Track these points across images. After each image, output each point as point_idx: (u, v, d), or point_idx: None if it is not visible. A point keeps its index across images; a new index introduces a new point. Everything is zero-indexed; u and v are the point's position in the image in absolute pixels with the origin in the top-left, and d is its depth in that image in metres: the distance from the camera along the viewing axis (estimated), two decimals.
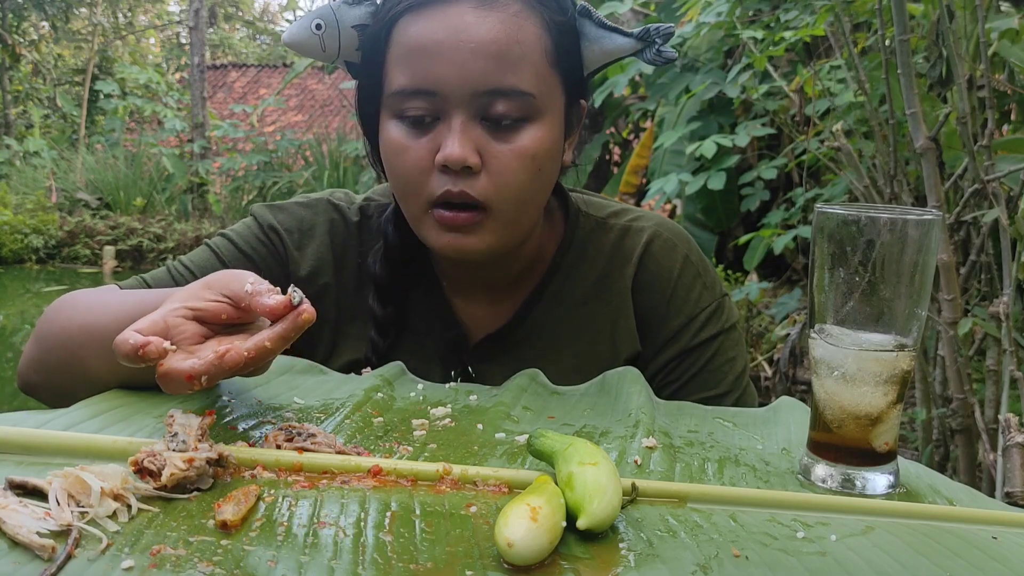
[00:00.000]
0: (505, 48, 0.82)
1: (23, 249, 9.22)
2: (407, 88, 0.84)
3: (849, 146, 2.19)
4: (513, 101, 0.84)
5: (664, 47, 0.88)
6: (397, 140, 0.86)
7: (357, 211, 1.01)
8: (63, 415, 0.69)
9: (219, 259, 0.97)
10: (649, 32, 0.88)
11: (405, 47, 0.84)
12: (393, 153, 0.87)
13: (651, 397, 0.83)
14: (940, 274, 1.82)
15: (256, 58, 19.22)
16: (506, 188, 0.85)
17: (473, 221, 0.86)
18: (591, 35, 0.89)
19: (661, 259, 0.99)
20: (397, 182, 0.89)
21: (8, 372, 5.65)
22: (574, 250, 1.00)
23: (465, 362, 0.98)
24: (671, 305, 0.98)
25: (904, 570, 0.54)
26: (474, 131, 0.84)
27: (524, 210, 0.89)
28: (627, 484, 0.61)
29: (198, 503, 0.57)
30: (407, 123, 0.86)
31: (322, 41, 0.89)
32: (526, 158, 0.85)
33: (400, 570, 0.50)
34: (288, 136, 10.57)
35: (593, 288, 0.99)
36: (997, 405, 1.77)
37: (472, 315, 0.99)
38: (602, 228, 1.01)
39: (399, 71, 0.85)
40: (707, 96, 4.25)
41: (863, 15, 2.83)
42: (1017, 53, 2.11)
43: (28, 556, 0.49)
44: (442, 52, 0.82)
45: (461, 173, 0.84)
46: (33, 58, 14.15)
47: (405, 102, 0.85)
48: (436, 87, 0.83)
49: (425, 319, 0.99)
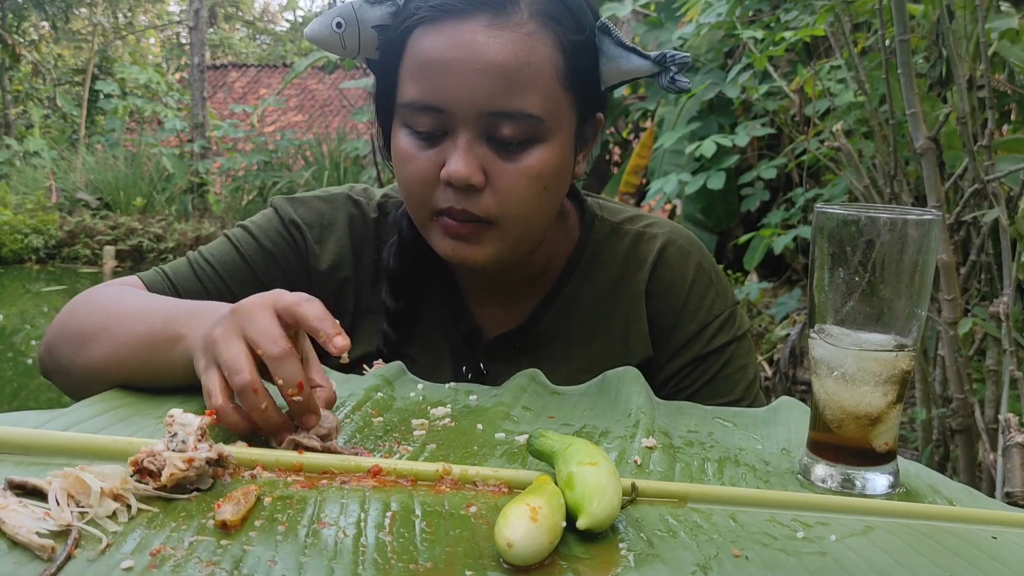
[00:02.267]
0: (514, 70, 0.82)
1: (23, 249, 9.22)
2: (416, 102, 0.85)
3: (849, 146, 2.19)
4: (520, 124, 0.83)
5: (679, 76, 0.88)
6: (406, 149, 0.87)
7: (376, 207, 1.02)
8: (63, 415, 0.69)
9: (240, 254, 0.97)
10: (665, 58, 0.87)
11: (417, 60, 0.85)
12: (401, 161, 0.88)
13: (651, 397, 0.83)
14: (940, 274, 1.82)
15: (256, 58, 19.22)
16: (511, 206, 0.85)
17: (477, 232, 0.86)
18: (609, 53, 0.88)
19: (675, 266, 0.99)
20: (404, 188, 0.90)
21: (8, 372, 5.65)
22: (589, 254, 1.00)
23: (478, 359, 0.98)
24: (684, 312, 0.98)
25: (904, 570, 0.54)
26: (480, 149, 0.84)
27: (530, 226, 0.89)
28: (627, 484, 0.61)
29: (198, 503, 0.57)
30: (415, 134, 0.86)
31: (342, 39, 0.89)
32: (531, 178, 0.85)
33: (400, 570, 0.50)
34: (288, 136, 10.57)
35: (607, 292, 0.99)
36: (997, 405, 1.77)
37: (486, 314, 0.99)
38: (616, 233, 1.01)
39: (410, 83, 0.85)
40: (707, 96, 4.25)
41: (863, 15, 2.83)
42: (1017, 53, 2.11)
43: (28, 556, 0.49)
44: (451, 70, 0.82)
45: (465, 190, 0.84)
46: (33, 58, 14.15)
47: (414, 115, 0.85)
48: (443, 104, 0.83)
49: (439, 315, 0.99)
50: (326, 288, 0.98)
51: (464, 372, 0.97)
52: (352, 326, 0.99)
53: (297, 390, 0.64)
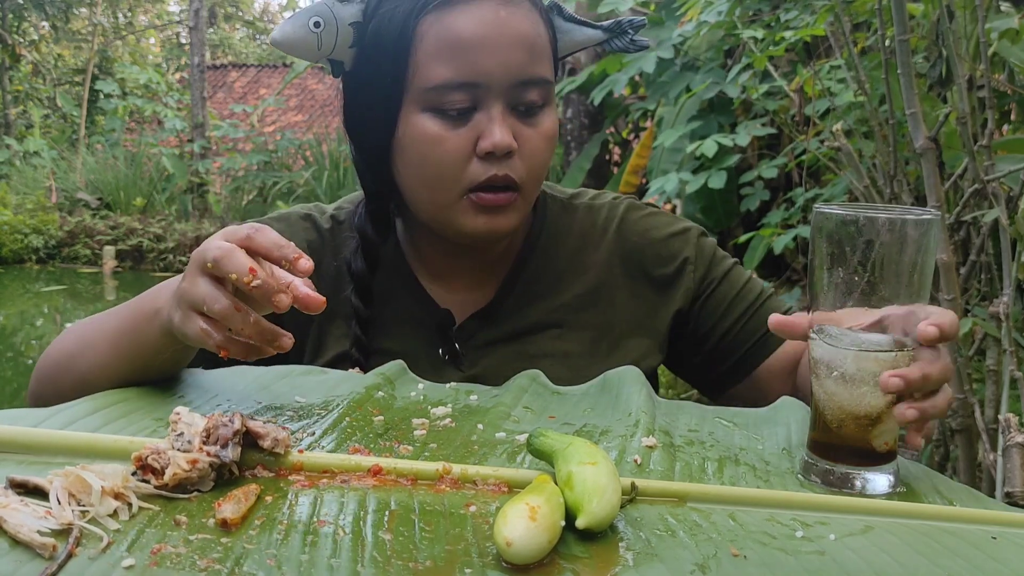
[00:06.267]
0: (533, 40, 0.89)
1: (23, 249, 9.23)
2: (452, 81, 0.87)
3: (849, 146, 2.19)
4: (541, 89, 0.90)
5: (637, 36, 0.97)
6: (434, 132, 0.89)
7: (328, 219, 1.05)
8: (61, 411, 0.69)
9: None
10: (620, 24, 0.97)
11: (443, 42, 0.87)
12: (429, 144, 0.89)
13: (651, 396, 0.83)
14: (940, 274, 1.82)
15: (256, 58, 19.22)
16: (535, 168, 0.92)
17: (511, 201, 0.91)
18: (562, 28, 0.96)
19: (639, 224, 1.05)
20: (430, 172, 0.91)
21: (8, 372, 5.65)
22: (546, 230, 1.04)
23: (452, 341, 1.00)
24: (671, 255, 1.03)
25: (903, 570, 0.54)
26: (509, 119, 0.89)
27: (538, 188, 0.96)
28: (626, 483, 0.61)
29: (199, 502, 0.57)
30: (442, 115, 0.89)
31: (320, 39, 0.89)
32: (548, 139, 0.93)
33: (399, 568, 0.50)
34: (288, 136, 10.57)
35: (568, 264, 1.03)
36: (997, 405, 1.77)
37: (452, 301, 1.02)
38: (567, 209, 1.07)
39: (438, 65, 0.87)
40: (707, 96, 4.24)
41: (863, 15, 2.83)
42: (1017, 53, 2.11)
43: (29, 555, 0.49)
44: (484, 46, 0.87)
45: (503, 158, 0.89)
46: (33, 58, 14.15)
47: (445, 95, 0.88)
48: (480, 79, 0.87)
49: (407, 308, 1.02)
50: None
51: (441, 355, 0.99)
52: (320, 332, 1.00)
53: (252, 276, 0.65)
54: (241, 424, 0.62)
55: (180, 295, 0.70)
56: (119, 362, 0.79)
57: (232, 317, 0.66)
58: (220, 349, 0.68)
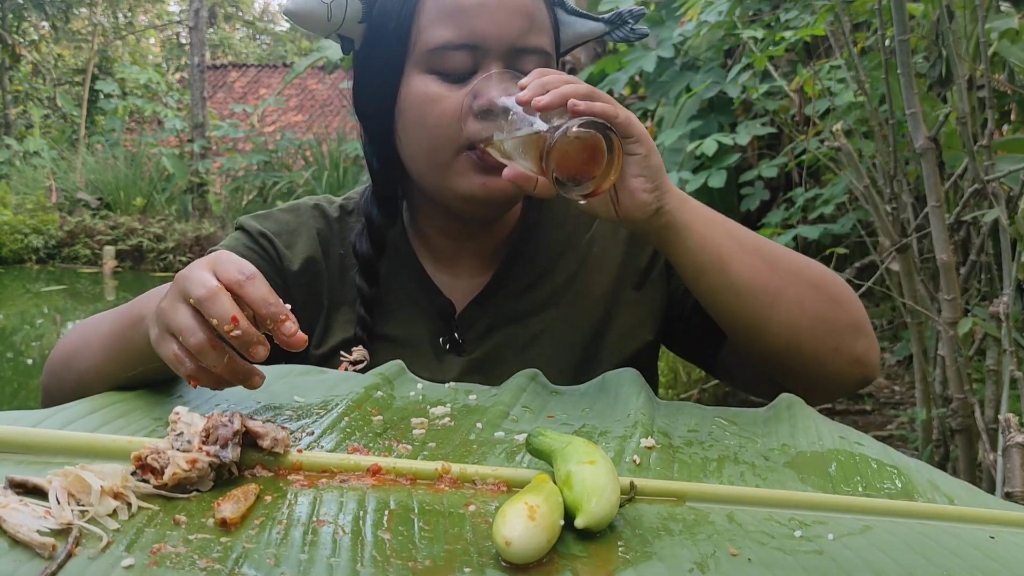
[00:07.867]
0: (533, 10, 0.91)
1: (23, 249, 9.23)
2: (452, 42, 0.89)
3: (849, 146, 2.19)
4: (538, 58, 0.92)
5: (636, 25, 0.98)
6: (433, 91, 0.91)
7: (337, 208, 1.07)
8: (60, 411, 0.69)
9: None
10: (621, 15, 0.98)
11: (444, 5, 0.90)
12: (428, 102, 0.91)
13: (651, 397, 0.83)
14: (940, 274, 1.82)
15: (256, 58, 19.23)
16: None
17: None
18: (565, 20, 0.98)
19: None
20: (426, 132, 0.92)
21: (8, 372, 5.65)
22: (542, 211, 1.06)
23: (452, 329, 1.01)
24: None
25: (901, 569, 0.54)
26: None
27: None
28: (625, 483, 0.61)
29: (198, 502, 0.57)
30: (443, 76, 0.91)
31: (330, 10, 0.91)
32: None
33: (399, 568, 0.50)
34: (288, 136, 10.58)
35: (563, 243, 1.05)
36: (997, 405, 1.77)
37: (455, 288, 1.03)
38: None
39: (439, 28, 0.90)
40: (707, 95, 4.24)
41: (863, 15, 2.84)
42: (1017, 53, 2.11)
43: (28, 554, 0.49)
44: (485, 9, 0.89)
45: None
46: (33, 58, 14.15)
47: (446, 56, 0.90)
48: (479, 41, 0.89)
49: (410, 294, 1.03)
50: (301, 287, 1.02)
51: (442, 344, 1.00)
52: (327, 319, 1.02)
53: (233, 325, 0.63)
54: (240, 424, 0.62)
55: (159, 314, 0.69)
56: (110, 365, 0.79)
57: (207, 354, 0.65)
58: (190, 379, 0.66)
